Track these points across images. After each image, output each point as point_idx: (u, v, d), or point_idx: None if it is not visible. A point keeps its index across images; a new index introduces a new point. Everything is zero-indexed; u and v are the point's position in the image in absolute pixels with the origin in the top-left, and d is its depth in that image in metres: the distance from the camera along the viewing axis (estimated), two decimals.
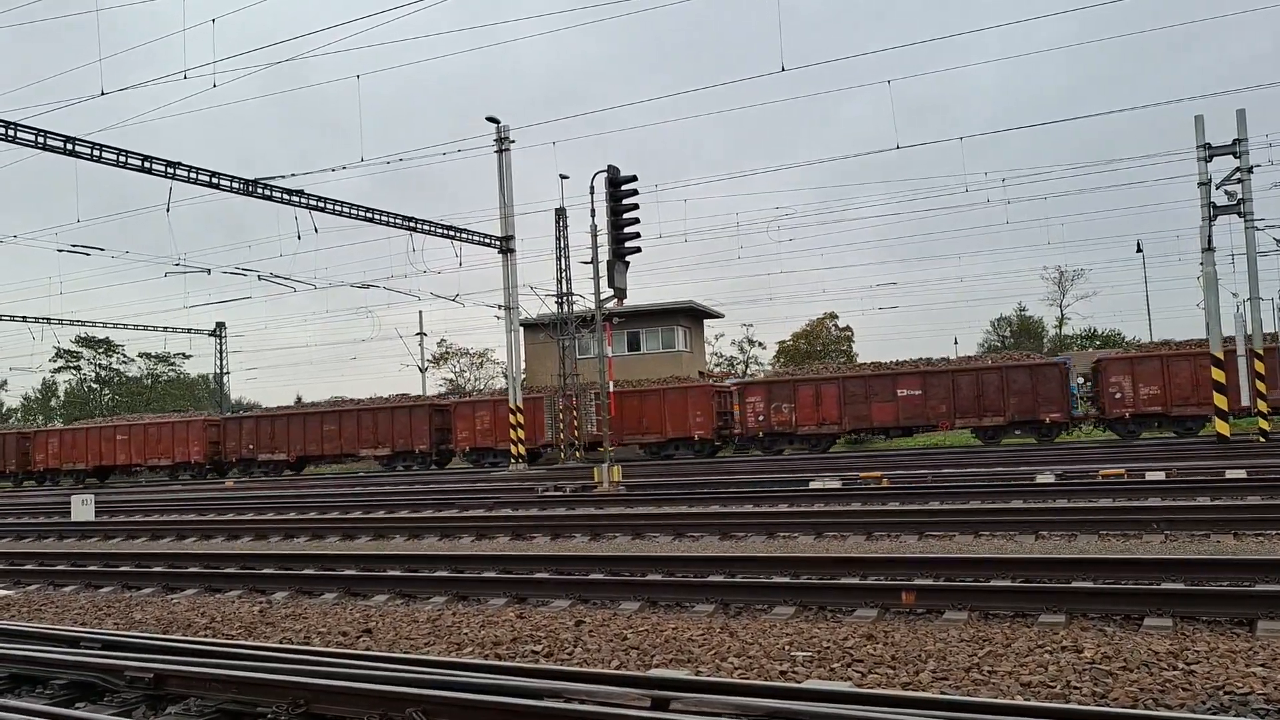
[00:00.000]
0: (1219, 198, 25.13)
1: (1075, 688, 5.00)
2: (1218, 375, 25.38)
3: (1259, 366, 25.17)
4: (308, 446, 41.28)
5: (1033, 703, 4.55)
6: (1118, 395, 30.26)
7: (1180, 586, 6.67)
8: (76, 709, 5.29)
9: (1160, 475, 15.60)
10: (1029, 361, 32.45)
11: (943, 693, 4.99)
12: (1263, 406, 25.05)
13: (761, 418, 33.74)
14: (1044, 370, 31.16)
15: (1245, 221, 24.87)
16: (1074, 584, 6.99)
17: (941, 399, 31.77)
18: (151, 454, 44.38)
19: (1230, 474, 15.35)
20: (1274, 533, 9.75)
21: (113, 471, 47.35)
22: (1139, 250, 48.51)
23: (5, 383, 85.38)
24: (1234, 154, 24.69)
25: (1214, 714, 4.48)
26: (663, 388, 35.71)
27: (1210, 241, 25.18)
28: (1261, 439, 24.55)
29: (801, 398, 33.32)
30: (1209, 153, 24.87)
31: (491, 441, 36.91)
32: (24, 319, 45.51)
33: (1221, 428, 25.19)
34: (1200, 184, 25.09)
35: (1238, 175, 24.78)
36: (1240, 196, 24.80)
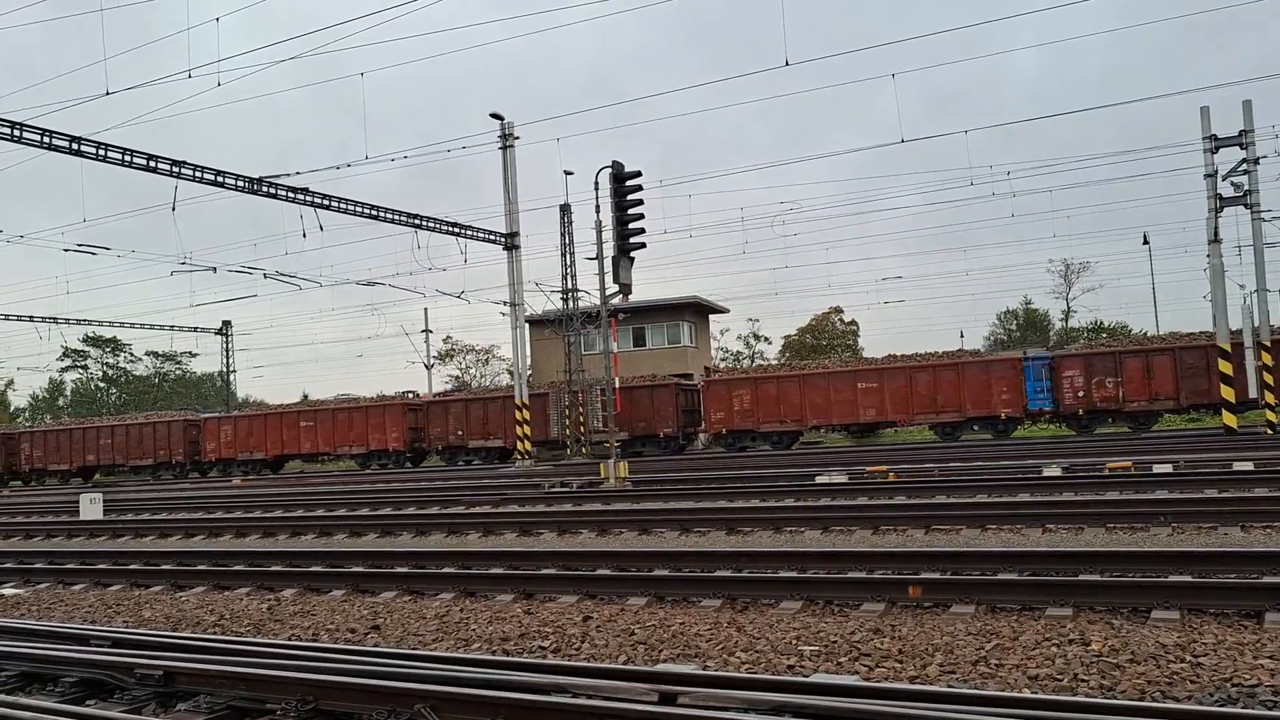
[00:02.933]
0: (1225, 189, 25.08)
1: (1083, 680, 5.00)
2: (1225, 367, 25.34)
3: (1265, 358, 25.11)
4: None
5: (1040, 695, 4.55)
6: None
7: (1188, 579, 6.66)
8: (87, 706, 5.31)
9: (1168, 468, 15.58)
10: None
11: (950, 686, 4.99)
12: (1270, 398, 24.98)
13: (1081, 393, 30.46)
14: None
15: (1252, 213, 24.81)
16: (1081, 577, 6.98)
17: None
18: (341, 442, 40.72)
19: (1238, 466, 15.32)
20: None
21: (290, 461, 44.24)
22: (1145, 243, 48.36)
23: (12, 382, 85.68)
24: (1240, 145, 24.63)
25: (1221, 706, 4.48)
26: (958, 362, 32.66)
27: (1217, 233, 25.12)
28: (1269, 431, 24.49)
29: (1129, 370, 30.01)
30: (1215, 144, 24.82)
31: (752, 423, 33.98)
32: (31, 318, 45.68)
33: (1229, 420, 25.15)
34: (1206, 175, 25.04)
35: (1244, 167, 24.72)
36: (1247, 188, 24.74)
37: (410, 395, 43.01)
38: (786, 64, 21.85)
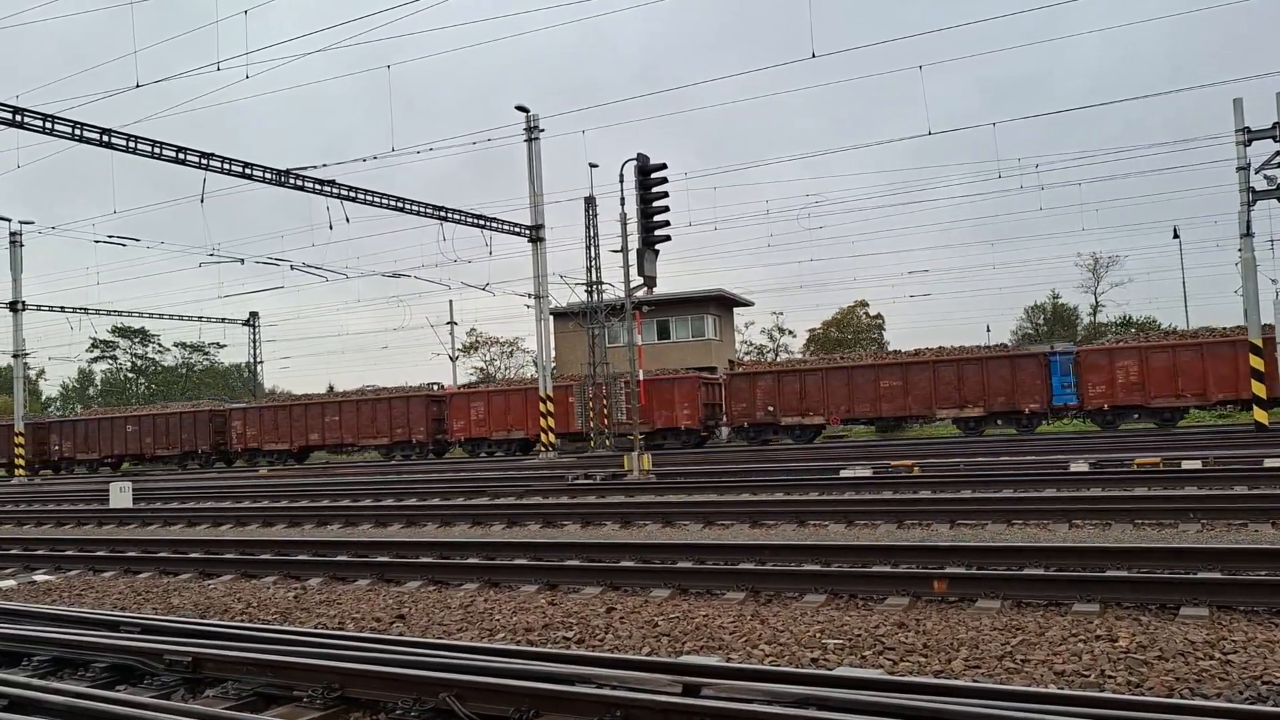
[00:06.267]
0: (1258, 182, 24.72)
1: (1110, 676, 4.96)
2: (1256, 363, 25.02)
3: None
4: (855, 407, 33.45)
5: (1066, 691, 4.52)
6: None
7: (1217, 576, 6.59)
8: (117, 691, 5.38)
9: (1197, 464, 15.41)
10: None
11: (975, 681, 4.97)
12: None
13: None
14: None
15: None
16: (1108, 573, 6.92)
17: None
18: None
19: (1269, 463, 15.12)
20: None
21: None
22: (1176, 236, 47.80)
23: (44, 372, 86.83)
24: (1274, 138, 24.27)
25: (1252, 704, 4.43)
26: (1189, 343, 29.94)
27: (1249, 227, 24.78)
28: None
29: None
30: (1248, 136, 24.47)
31: (1141, 398, 30.22)
32: (62, 309, 46.16)
33: (1260, 416, 24.84)
34: (1239, 168, 24.69)
35: (1278, 160, 24.36)
36: None
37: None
38: (813, 56, 21.75)
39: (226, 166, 26.22)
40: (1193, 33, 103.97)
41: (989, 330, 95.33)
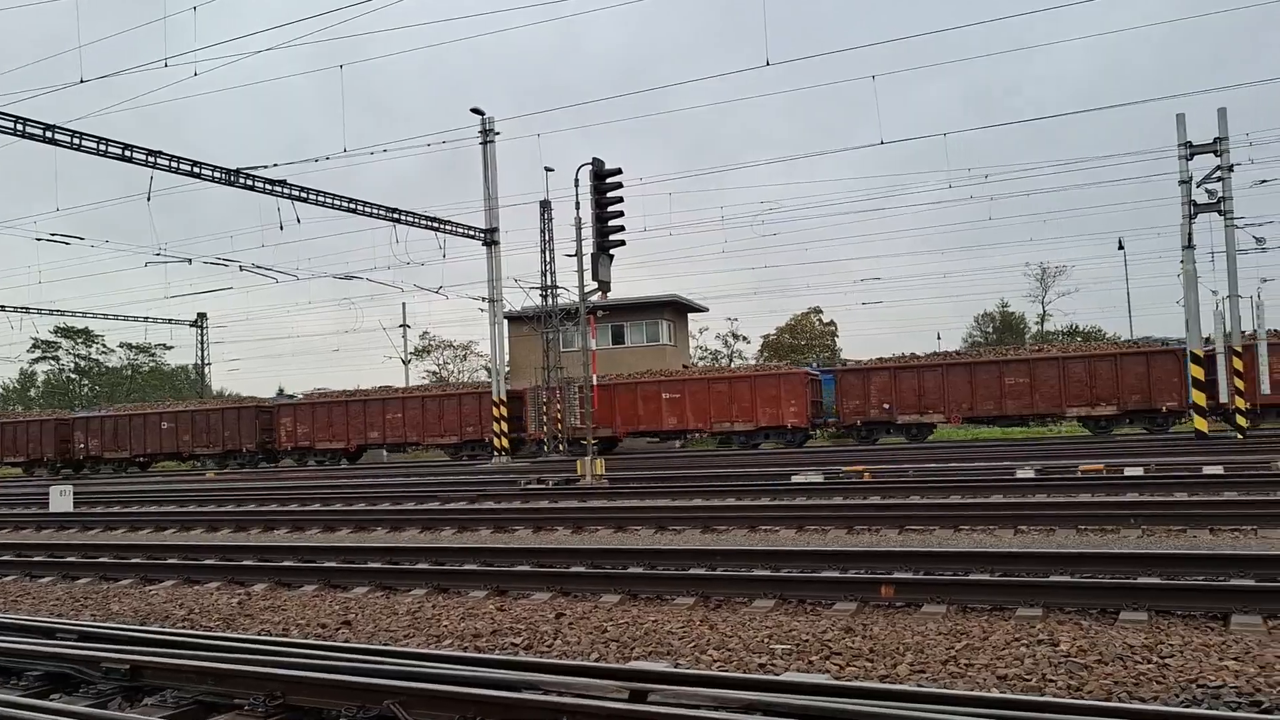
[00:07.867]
0: (1199, 196, 25.33)
1: (1050, 680, 5.03)
2: (1196, 372, 25.61)
3: (1237, 364, 25.39)
4: (978, 405, 31.34)
5: (1008, 695, 4.58)
6: None
7: (1156, 581, 6.71)
8: (52, 700, 5.25)
9: (1139, 471, 15.72)
10: None
11: (920, 685, 5.01)
12: (1240, 403, 25.26)
13: None
14: None
15: (1225, 220, 25.06)
16: (1051, 578, 7.02)
17: None
18: (734, 415, 34.13)
19: (1208, 470, 15.48)
20: (1249, 528, 9.84)
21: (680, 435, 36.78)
22: (1120, 247, 48.79)
23: None
24: (1215, 152, 24.88)
25: (1187, 707, 4.52)
26: None
27: (1190, 239, 25.38)
28: (1240, 436, 24.76)
29: None
30: (1190, 151, 25.07)
31: None
32: (3, 308, 45.01)
33: (1200, 424, 25.41)
34: (1181, 182, 25.28)
35: (1218, 173, 24.98)
36: (1220, 195, 25.00)
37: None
38: (767, 64, 21.89)
39: (174, 165, 25.78)
40: (1181, 44, 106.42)
41: (939, 338, 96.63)
